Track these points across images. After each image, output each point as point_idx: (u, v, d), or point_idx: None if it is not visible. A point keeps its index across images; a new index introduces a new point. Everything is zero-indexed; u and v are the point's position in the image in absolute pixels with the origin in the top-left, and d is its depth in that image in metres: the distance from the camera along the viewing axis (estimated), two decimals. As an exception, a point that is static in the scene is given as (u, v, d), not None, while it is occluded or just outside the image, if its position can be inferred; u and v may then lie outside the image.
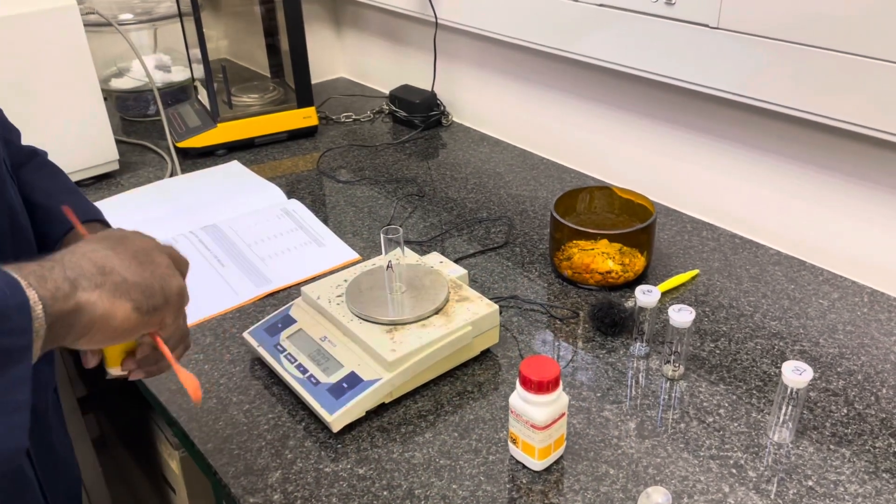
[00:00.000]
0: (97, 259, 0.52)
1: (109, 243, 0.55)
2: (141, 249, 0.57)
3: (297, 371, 0.81)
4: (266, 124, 1.44)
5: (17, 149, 0.79)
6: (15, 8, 1.16)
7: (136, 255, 0.56)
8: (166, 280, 0.56)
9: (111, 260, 0.53)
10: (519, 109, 1.41)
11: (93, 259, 0.52)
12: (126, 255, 0.55)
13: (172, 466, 1.10)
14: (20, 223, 0.67)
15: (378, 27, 1.69)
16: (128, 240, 0.57)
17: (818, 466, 0.72)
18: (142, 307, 0.53)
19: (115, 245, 0.55)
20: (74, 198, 0.77)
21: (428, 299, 0.85)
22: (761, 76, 0.96)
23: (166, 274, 0.56)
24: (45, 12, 1.17)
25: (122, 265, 0.54)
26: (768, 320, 0.92)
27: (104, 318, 0.51)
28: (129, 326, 0.53)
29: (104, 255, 0.53)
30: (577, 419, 0.78)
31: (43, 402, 0.72)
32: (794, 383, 0.71)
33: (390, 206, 1.22)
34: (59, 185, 0.78)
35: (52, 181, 0.78)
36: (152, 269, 0.56)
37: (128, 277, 0.53)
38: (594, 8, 1.12)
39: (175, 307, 0.57)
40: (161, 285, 0.55)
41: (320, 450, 0.76)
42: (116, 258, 0.54)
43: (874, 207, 0.96)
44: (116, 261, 0.54)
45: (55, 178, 0.79)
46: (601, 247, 0.97)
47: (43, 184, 0.76)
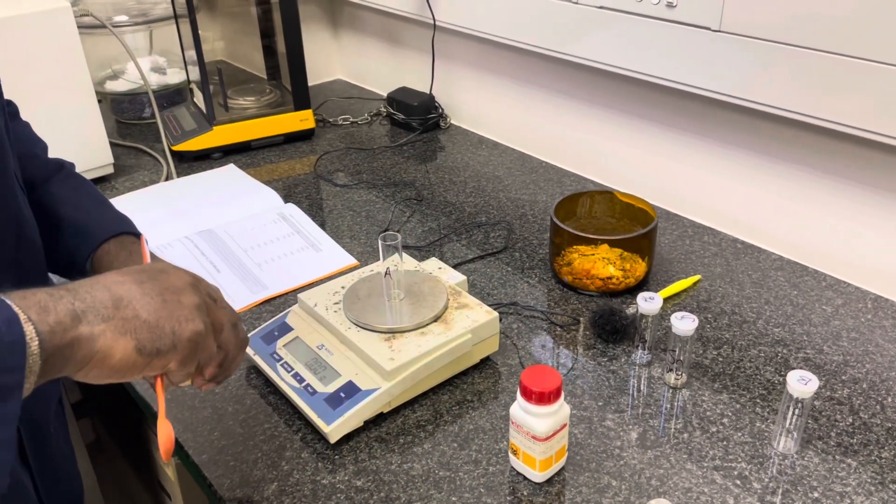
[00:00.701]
0: (117, 291, 0.51)
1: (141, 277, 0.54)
2: (172, 287, 0.55)
3: (294, 380, 0.79)
4: (262, 127, 1.43)
5: (43, 162, 0.78)
6: (8, 10, 1.14)
7: (164, 293, 0.54)
8: (181, 324, 0.53)
9: (133, 293, 0.52)
10: (518, 112, 1.40)
11: (113, 291, 0.51)
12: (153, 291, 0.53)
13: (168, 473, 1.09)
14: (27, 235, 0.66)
15: (376, 29, 1.68)
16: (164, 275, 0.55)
17: (824, 477, 0.71)
18: (145, 348, 0.51)
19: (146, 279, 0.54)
20: (104, 210, 0.76)
21: (427, 306, 0.83)
22: (764, 79, 0.94)
23: (185, 317, 0.54)
24: (38, 14, 1.16)
25: (141, 301, 0.52)
26: (771, 327, 0.91)
27: (102, 355, 0.49)
28: (128, 366, 0.51)
29: (128, 288, 0.52)
30: (578, 429, 0.77)
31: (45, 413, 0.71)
32: (799, 393, 0.70)
33: (388, 210, 1.20)
34: (88, 197, 0.77)
35: (80, 193, 0.76)
36: (172, 309, 0.53)
37: (141, 314, 0.51)
38: (594, 10, 1.11)
39: (183, 353, 0.54)
40: (174, 328, 0.53)
41: (317, 461, 0.74)
42: (139, 292, 0.52)
43: (877, 212, 0.95)
44: (138, 295, 0.52)
45: (83, 190, 0.77)
46: (602, 252, 0.96)
47: (71, 196, 0.75)
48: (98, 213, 0.75)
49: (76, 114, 1.24)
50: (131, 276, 0.53)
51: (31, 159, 0.77)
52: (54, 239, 0.73)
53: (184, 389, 0.83)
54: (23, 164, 0.74)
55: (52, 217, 0.73)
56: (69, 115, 1.24)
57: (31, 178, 0.75)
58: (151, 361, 0.52)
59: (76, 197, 0.76)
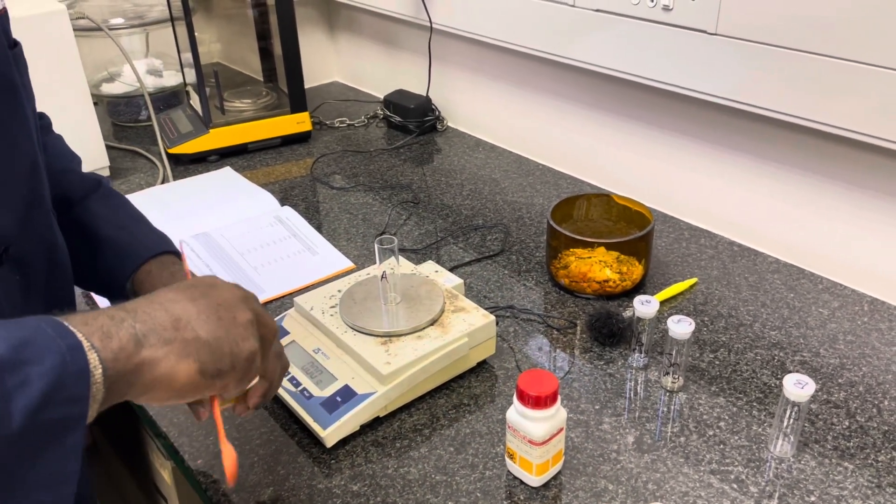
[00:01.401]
0: (175, 311, 0.50)
1: (193, 293, 0.53)
2: (225, 303, 0.54)
3: (290, 384, 0.79)
4: (259, 130, 1.43)
5: (80, 178, 0.77)
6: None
7: (218, 310, 0.53)
8: (238, 344, 0.53)
9: (189, 313, 0.51)
10: (514, 115, 1.40)
11: (170, 311, 0.50)
12: (208, 308, 0.52)
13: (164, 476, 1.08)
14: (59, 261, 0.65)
15: (372, 31, 1.68)
16: (215, 290, 0.55)
17: (820, 481, 0.71)
18: (207, 370, 0.51)
19: (199, 296, 0.53)
20: (143, 228, 0.75)
21: (423, 310, 0.83)
22: (760, 82, 0.95)
23: (241, 336, 0.53)
24: (34, 17, 1.16)
25: (199, 320, 0.51)
26: (768, 330, 0.91)
27: (166, 378, 0.49)
28: (192, 388, 0.50)
29: (183, 306, 0.51)
30: (575, 433, 0.77)
31: None
32: (795, 397, 0.70)
33: (385, 213, 1.20)
34: (128, 216, 0.76)
35: (119, 212, 0.76)
36: (228, 328, 0.53)
37: (201, 335, 0.51)
38: (590, 13, 1.11)
39: (241, 373, 0.54)
40: (231, 349, 0.52)
41: (313, 465, 0.74)
42: (195, 311, 0.52)
43: (873, 215, 0.95)
44: (195, 314, 0.51)
45: (122, 208, 0.77)
46: (598, 255, 0.96)
47: (110, 215, 0.74)
48: (138, 233, 0.74)
49: (72, 116, 1.24)
50: (185, 294, 0.53)
51: (67, 175, 0.76)
52: (93, 258, 0.73)
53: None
54: (58, 181, 0.72)
55: (91, 236, 0.72)
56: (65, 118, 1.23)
57: (67, 194, 0.74)
58: (213, 382, 0.51)
59: (116, 216, 0.75)
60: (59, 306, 0.64)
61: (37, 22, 1.16)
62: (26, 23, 1.15)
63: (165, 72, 1.65)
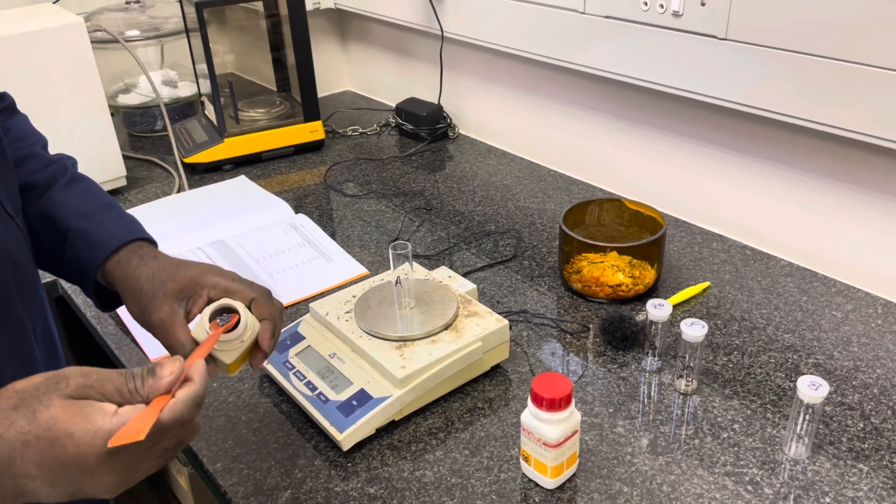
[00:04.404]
0: (23, 485, 0.46)
1: (59, 475, 0.46)
2: (90, 490, 0.48)
3: (307, 388, 0.80)
4: (273, 139, 1.44)
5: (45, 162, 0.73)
6: (23, 26, 1.16)
7: (77, 493, 0.47)
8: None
9: (40, 492, 0.46)
10: (525, 121, 1.41)
11: (18, 483, 0.46)
12: (64, 492, 0.47)
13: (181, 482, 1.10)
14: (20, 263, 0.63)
15: (384, 40, 1.70)
16: (89, 478, 0.47)
17: (835, 483, 0.71)
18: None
19: (61, 481, 0.47)
20: (110, 215, 0.72)
21: (437, 315, 0.84)
22: (770, 86, 0.95)
23: (96, 491, 0.48)
24: (52, 30, 1.18)
25: (43, 491, 0.46)
26: (781, 333, 0.91)
27: None
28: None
29: (37, 485, 0.46)
30: (589, 435, 0.77)
31: None
32: (809, 398, 0.70)
33: (398, 220, 1.21)
34: (95, 203, 0.73)
35: (86, 199, 0.72)
36: (85, 492, 0.48)
37: (43, 499, 0.47)
38: (600, 19, 1.12)
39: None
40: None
41: (330, 468, 0.75)
42: (47, 490, 0.46)
43: (886, 217, 0.95)
44: (46, 491, 0.46)
45: (89, 195, 0.73)
46: (611, 259, 0.97)
47: (77, 203, 0.71)
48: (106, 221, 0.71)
49: (89, 127, 1.26)
50: (48, 475, 0.46)
51: (31, 160, 0.72)
52: (62, 250, 0.70)
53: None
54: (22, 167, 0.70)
55: (58, 227, 0.70)
56: (83, 129, 1.26)
57: (32, 181, 0.71)
58: None
59: (83, 204, 0.72)
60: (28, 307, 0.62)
61: (56, 35, 1.18)
62: (45, 36, 1.17)
63: (180, 82, 1.67)
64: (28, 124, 0.77)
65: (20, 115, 0.77)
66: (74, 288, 1.06)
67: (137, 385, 0.49)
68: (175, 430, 0.50)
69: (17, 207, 0.65)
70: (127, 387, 0.49)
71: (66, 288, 1.06)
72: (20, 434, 0.45)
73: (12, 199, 0.64)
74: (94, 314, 1.01)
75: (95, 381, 0.48)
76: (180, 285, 0.65)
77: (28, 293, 0.63)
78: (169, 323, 0.63)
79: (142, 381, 0.49)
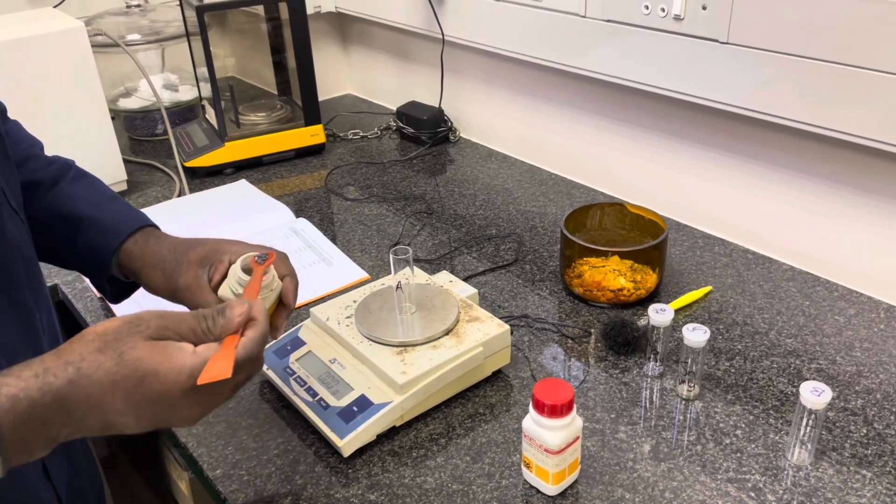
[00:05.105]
0: (113, 422, 0.50)
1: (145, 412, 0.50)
2: (174, 421, 0.53)
3: (307, 394, 0.80)
4: (274, 142, 1.44)
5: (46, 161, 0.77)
6: (24, 31, 1.16)
7: (160, 424, 0.52)
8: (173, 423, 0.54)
9: (127, 425, 0.50)
10: (526, 125, 1.41)
11: (109, 422, 0.50)
12: (149, 423, 0.51)
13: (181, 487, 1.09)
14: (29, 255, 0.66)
15: (385, 44, 1.70)
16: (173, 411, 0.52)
17: (838, 489, 0.70)
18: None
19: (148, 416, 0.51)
20: (119, 205, 0.76)
21: (438, 320, 0.84)
22: (772, 90, 0.95)
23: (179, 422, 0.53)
24: (53, 34, 1.18)
25: (132, 428, 0.51)
26: (784, 338, 0.91)
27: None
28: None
29: (125, 422, 0.50)
30: (591, 441, 0.77)
31: None
32: (812, 404, 0.70)
33: (399, 224, 1.21)
34: (101, 195, 0.77)
35: (94, 192, 0.77)
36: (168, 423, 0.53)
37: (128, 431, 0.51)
38: (601, 23, 1.11)
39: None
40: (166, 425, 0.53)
41: (331, 475, 0.74)
42: (134, 424, 0.51)
43: (889, 221, 0.95)
44: (132, 425, 0.51)
45: (96, 189, 0.78)
46: (612, 264, 0.96)
47: (86, 195, 0.75)
48: (117, 209, 0.75)
49: (90, 131, 1.26)
50: (136, 411, 0.50)
51: (33, 160, 0.76)
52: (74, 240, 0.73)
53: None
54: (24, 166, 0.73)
55: (71, 218, 0.73)
56: (83, 133, 1.26)
57: (36, 179, 0.74)
58: None
59: (92, 196, 0.76)
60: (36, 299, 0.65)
61: (56, 39, 1.18)
62: (46, 40, 1.17)
63: (181, 86, 1.67)
64: (22, 129, 0.80)
65: (13, 121, 0.80)
66: (74, 292, 1.06)
67: (210, 325, 0.53)
68: (248, 366, 0.54)
69: (20, 204, 0.67)
70: (200, 327, 0.53)
71: (66, 292, 1.06)
72: (109, 374, 0.48)
73: (16, 195, 0.66)
74: (94, 319, 1.01)
75: (171, 322, 0.52)
76: (202, 253, 0.69)
77: (34, 285, 0.66)
78: (195, 286, 0.67)
79: (213, 322, 0.54)
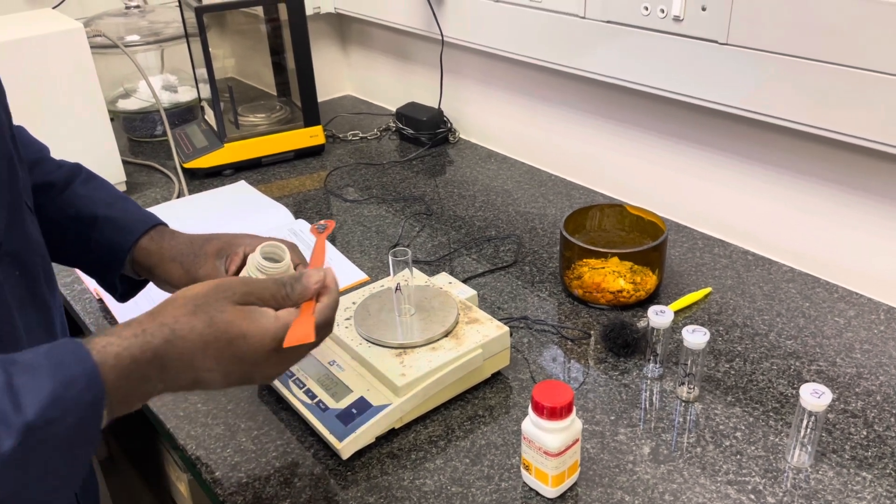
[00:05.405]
0: (202, 378, 0.55)
1: (232, 370, 0.55)
2: (257, 378, 0.58)
3: (306, 396, 0.80)
4: (273, 143, 1.44)
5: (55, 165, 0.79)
6: (23, 32, 1.16)
7: (244, 382, 0.58)
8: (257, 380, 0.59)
9: (215, 382, 0.56)
10: (526, 126, 1.41)
11: (198, 379, 0.55)
12: (237, 381, 0.57)
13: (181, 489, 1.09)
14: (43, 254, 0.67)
15: (384, 45, 1.69)
16: (256, 369, 0.57)
17: (839, 491, 0.70)
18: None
19: (235, 374, 0.56)
20: (130, 205, 0.79)
21: (437, 321, 0.84)
22: (772, 91, 0.95)
23: (259, 380, 0.59)
24: (52, 35, 1.17)
25: (219, 384, 0.56)
26: (783, 339, 0.90)
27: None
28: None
29: (212, 378, 0.55)
30: (590, 443, 0.77)
31: None
32: (812, 407, 0.69)
33: (398, 225, 1.21)
34: (112, 194, 0.80)
35: (105, 192, 0.79)
36: (251, 381, 0.58)
37: (214, 387, 0.56)
38: (601, 24, 1.11)
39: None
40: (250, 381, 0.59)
41: (330, 477, 0.74)
42: (222, 382, 0.56)
43: (888, 222, 0.95)
44: (218, 383, 0.56)
45: (107, 189, 0.80)
46: (612, 265, 0.96)
47: (99, 196, 0.77)
48: (130, 208, 0.78)
49: (89, 132, 1.26)
50: (223, 368, 0.55)
51: (44, 163, 0.78)
52: (89, 238, 0.75)
53: (197, 407, 0.84)
54: (36, 169, 0.75)
55: (86, 217, 0.75)
56: (82, 134, 1.25)
57: (48, 181, 0.76)
58: None
59: (105, 196, 0.78)
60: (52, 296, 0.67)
61: (55, 40, 1.18)
62: (45, 41, 1.17)
63: (180, 87, 1.67)
64: (28, 134, 0.81)
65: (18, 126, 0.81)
66: (73, 294, 1.05)
67: (289, 292, 0.58)
68: (323, 329, 0.59)
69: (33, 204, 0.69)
70: (281, 293, 0.58)
71: (65, 294, 1.06)
72: (201, 336, 0.53)
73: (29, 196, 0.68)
74: (93, 321, 1.00)
75: (255, 288, 0.57)
76: (218, 246, 0.72)
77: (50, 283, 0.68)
78: (215, 276, 0.70)
79: (292, 289, 0.58)
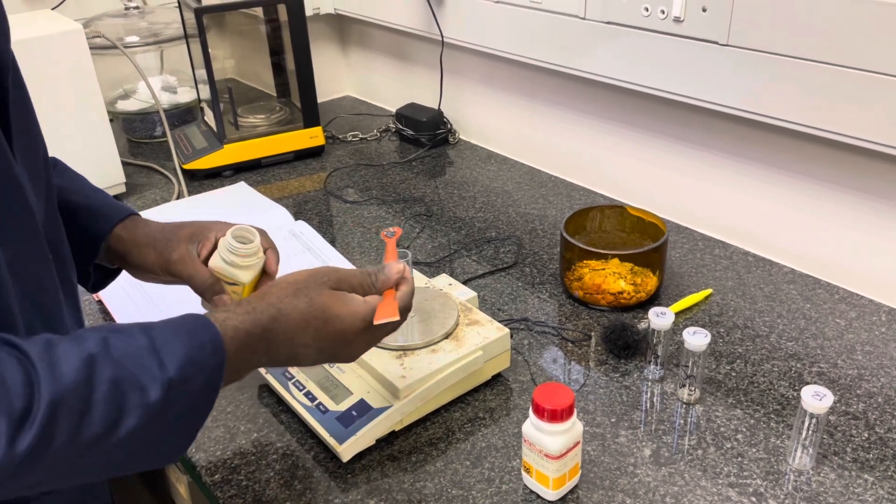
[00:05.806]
0: (298, 354, 0.61)
1: (326, 346, 0.62)
2: (347, 356, 0.64)
3: (306, 398, 0.79)
4: (272, 145, 1.44)
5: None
6: (22, 33, 1.16)
7: (336, 358, 0.64)
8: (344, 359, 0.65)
9: (309, 358, 0.62)
10: (526, 127, 1.41)
11: (295, 355, 0.61)
12: (329, 358, 0.64)
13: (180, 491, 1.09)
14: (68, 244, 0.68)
15: (384, 46, 1.69)
16: (349, 348, 0.63)
17: (840, 494, 0.70)
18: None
19: (329, 350, 0.62)
20: (104, 195, 0.80)
21: (437, 324, 0.83)
22: (772, 92, 0.94)
23: (347, 357, 0.65)
24: (51, 36, 1.17)
25: (311, 361, 0.62)
26: (784, 341, 0.90)
27: None
28: None
29: (307, 354, 0.61)
30: (591, 446, 0.77)
31: None
32: (814, 409, 0.69)
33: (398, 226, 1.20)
34: (87, 185, 0.81)
35: (80, 183, 0.80)
36: (338, 358, 0.64)
37: (307, 362, 0.63)
38: (601, 25, 1.11)
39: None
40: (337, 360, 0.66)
41: (330, 480, 0.74)
42: (315, 357, 0.62)
43: (889, 223, 0.95)
44: (312, 359, 0.62)
45: (81, 180, 0.81)
46: (612, 267, 0.96)
47: (75, 186, 0.79)
48: (105, 198, 0.79)
49: (88, 133, 1.26)
50: (319, 345, 0.61)
51: None
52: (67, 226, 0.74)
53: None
54: None
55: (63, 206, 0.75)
56: (82, 135, 1.25)
57: None
58: None
59: (79, 187, 0.79)
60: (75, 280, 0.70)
61: (55, 41, 1.18)
62: (45, 42, 1.17)
63: (180, 88, 1.67)
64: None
65: None
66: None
67: (373, 280, 0.65)
68: (404, 312, 0.65)
69: None
70: (367, 281, 0.65)
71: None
72: (302, 315, 0.60)
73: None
74: (93, 322, 1.00)
75: (345, 276, 0.64)
76: (191, 231, 0.75)
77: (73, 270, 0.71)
78: (188, 258, 0.73)
79: (376, 278, 0.65)
